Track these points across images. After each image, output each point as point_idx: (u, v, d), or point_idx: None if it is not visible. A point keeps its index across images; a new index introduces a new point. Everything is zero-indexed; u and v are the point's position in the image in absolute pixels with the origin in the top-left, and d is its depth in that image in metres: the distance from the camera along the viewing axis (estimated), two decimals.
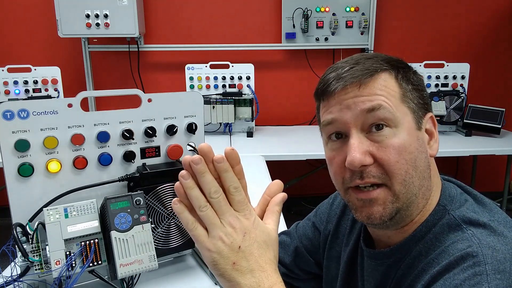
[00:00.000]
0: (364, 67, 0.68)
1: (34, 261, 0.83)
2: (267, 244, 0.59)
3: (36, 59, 2.98)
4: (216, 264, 0.57)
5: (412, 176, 0.66)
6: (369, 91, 0.66)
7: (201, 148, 0.58)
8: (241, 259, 0.57)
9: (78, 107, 0.92)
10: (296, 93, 3.24)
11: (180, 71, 2.84)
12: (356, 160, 0.64)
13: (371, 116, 0.65)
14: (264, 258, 0.58)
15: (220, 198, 0.57)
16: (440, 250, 0.64)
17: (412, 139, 0.67)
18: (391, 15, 3.21)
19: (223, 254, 0.57)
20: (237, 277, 0.56)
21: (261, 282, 0.56)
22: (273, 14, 3.16)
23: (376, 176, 0.65)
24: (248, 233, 0.58)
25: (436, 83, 2.79)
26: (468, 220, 0.65)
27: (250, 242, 0.58)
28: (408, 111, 0.68)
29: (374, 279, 0.76)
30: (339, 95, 0.68)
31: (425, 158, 0.68)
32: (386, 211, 0.66)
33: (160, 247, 1.02)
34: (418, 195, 0.67)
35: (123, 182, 0.97)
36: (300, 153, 2.44)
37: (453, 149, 2.52)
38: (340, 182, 0.70)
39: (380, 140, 0.65)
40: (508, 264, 0.57)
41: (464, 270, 0.57)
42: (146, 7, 3.09)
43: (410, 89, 0.69)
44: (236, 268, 0.57)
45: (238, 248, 0.57)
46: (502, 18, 3.27)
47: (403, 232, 0.71)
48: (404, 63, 0.72)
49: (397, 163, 0.65)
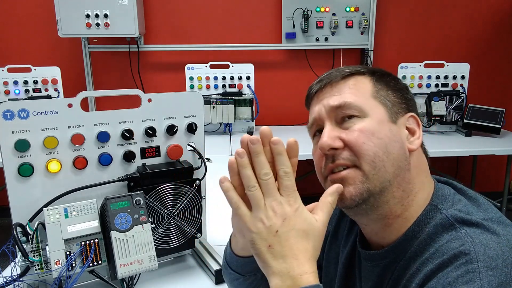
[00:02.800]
0: (341, 71, 0.76)
1: (34, 261, 0.83)
2: (307, 233, 0.61)
3: (36, 59, 2.97)
4: (254, 243, 0.61)
5: (382, 160, 0.68)
6: (339, 89, 0.74)
7: (262, 131, 0.63)
8: (276, 243, 0.59)
9: (78, 107, 0.92)
10: (296, 93, 3.24)
11: (180, 71, 2.84)
12: (325, 143, 0.70)
13: (340, 111, 0.71)
14: (299, 247, 0.59)
15: (269, 181, 0.61)
16: (434, 250, 0.64)
17: (383, 127, 0.70)
18: (391, 15, 3.21)
19: (262, 235, 0.60)
20: (269, 259, 0.59)
21: (291, 269, 0.58)
22: (273, 14, 3.16)
23: (346, 158, 0.69)
24: (288, 219, 0.60)
25: (436, 83, 2.79)
26: (461, 219, 0.66)
27: (288, 228, 0.60)
28: (380, 105, 0.72)
29: (370, 281, 0.76)
30: (318, 95, 0.76)
31: (399, 149, 0.70)
32: (356, 190, 0.68)
33: (160, 247, 1.02)
34: (393, 183, 0.69)
35: (123, 182, 0.97)
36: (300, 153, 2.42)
37: (453, 149, 2.52)
38: (320, 172, 0.75)
39: (349, 127, 0.71)
40: (500, 261, 0.58)
41: (457, 268, 0.58)
42: (146, 7, 3.09)
43: (384, 88, 0.74)
44: (270, 251, 0.60)
45: (276, 232, 0.60)
46: (502, 18, 3.27)
47: (388, 227, 0.71)
48: (384, 71, 0.78)
49: (364, 144, 0.68)
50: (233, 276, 0.82)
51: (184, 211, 1.03)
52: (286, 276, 0.58)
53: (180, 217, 1.03)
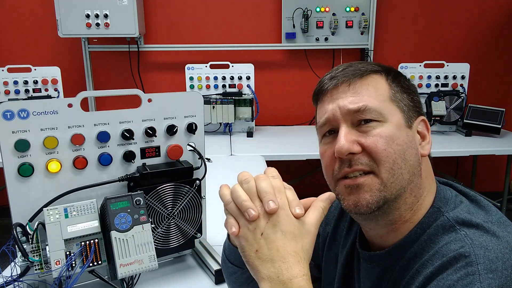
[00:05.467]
0: (356, 68, 0.73)
1: (34, 261, 0.83)
2: (294, 235, 0.59)
3: (36, 59, 2.97)
4: (243, 250, 0.60)
5: (400, 167, 0.67)
6: (357, 90, 0.71)
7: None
8: (263, 246, 0.58)
9: (78, 107, 0.92)
10: (296, 93, 3.24)
11: (180, 71, 2.84)
12: (344, 147, 0.67)
13: (358, 115, 0.69)
14: (287, 249, 0.57)
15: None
16: (434, 251, 0.64)
17: (401, 133, 0.69)
18: (391, 15, 3.21)
19: (249, 240, 0.59)
20: (258, 265, 0.58)
21: (280, 273, 0.56)
22: (273, 14, 3.16)
23: (364, 163, 0.67)
24: (272, 220, 0.59)
25: (436, 83, 2.79)
26: (462, 221, 0.65)
27: (274, 230, 0.58)
28: (398, 110, 0.71)
29: (370, 281, 0.76)
30: (332, 93, 0.73)
31: (415, 155, 0.70)
32: (373, 198, 0.67)
33: (160, 247, 1.02)
34: (407, 189, 0.68)
35: (123, 182, 0.97)
36: (300, 153, 2.44)
37: (453, 149, 2.52)
38: (330, 174, 0.73)
39: (368, 131, 0.68)
40: (500, 263, 0.58)
41: (457, 270, 0.58)
42: (146, 7, 3.09)
43: (399, 91, 0.72)
44: (258, 256, 0.58)
45: (261, 235, 0.58)
46: (502, 18, 3.27)
47: (395, 231, 0.71)
48: (396, 70, 0.76)
49: (384, 150, 0.67)
50: (231, 270, 0.81)
51: (184, 211, 1.03)
52: (276, 281, 0.56)
53: (180, 217, 1.03)
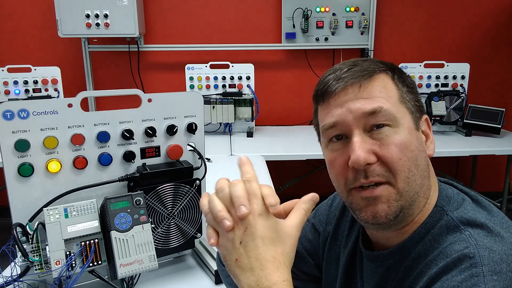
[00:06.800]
0: (363, 68, 0.68)
1: (34, 261, 0.83)
2: (273, 240, 0.57)
3: (36, 59, 2.97)
4: (224, 259, 0.59)
5: (414, 174, 0.66)
6: (369, 92, 0.67)
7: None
8: (243, 254, 0.57)
9: (78, 107, 0.92)
10: (296, 93, 3.24)
11: (180, 71, 2.84)
12: (361, 158, 0.64)
13: (373, 118, 0.66)
14: (266, 256, 0.56)
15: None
16: (438, 252, 0.64)
17: (412, 138, 0.67)
18: (391, 15, 3.21)
19: (228, 250, 0.58)
20: (239, 274, 0.57)
21: (259, 281, 0.55)
22: (273, 14, 3.16)
23: (381, 175, 0.65)
24: (249, 228, 0.57)
25: (436, 83, 2.79)
26: (466, 220, 0.65)
27: (252, 237, 0.56)
28: (407, 112, 0.69)
29: (373, 281, 0.75)
30: (339, 96, 0.68)
31: (425, 158, 0.69)
32: (391, 209, 0.66)
33: (160, 247, 1.02)
34: (420, 194, 0.68)
35: (123, 182, 0.97)
36: (300, 153, 2.43)
37: (453, 149, 2.52)
38: (342, 183, 0.70)
39: (381, 138, 0.66)
40: (505, 265, 0.57)
41: (462, 271, 0.58)
42: (146, 7, 3.09)
43: (406, 91, 0.70)
44: (238, 264, 0.57)
45: (240, 244, 0.57)
46: (502, 18, 3.27)
47: (402, 233, 0.71)
48: (397, 66, 0.74)
49: (400, 160, 0.65)
50: (226, 273, 0.81)
51: (184, 211, 1.03)
52: None
53: (180, 217, 1.03)
